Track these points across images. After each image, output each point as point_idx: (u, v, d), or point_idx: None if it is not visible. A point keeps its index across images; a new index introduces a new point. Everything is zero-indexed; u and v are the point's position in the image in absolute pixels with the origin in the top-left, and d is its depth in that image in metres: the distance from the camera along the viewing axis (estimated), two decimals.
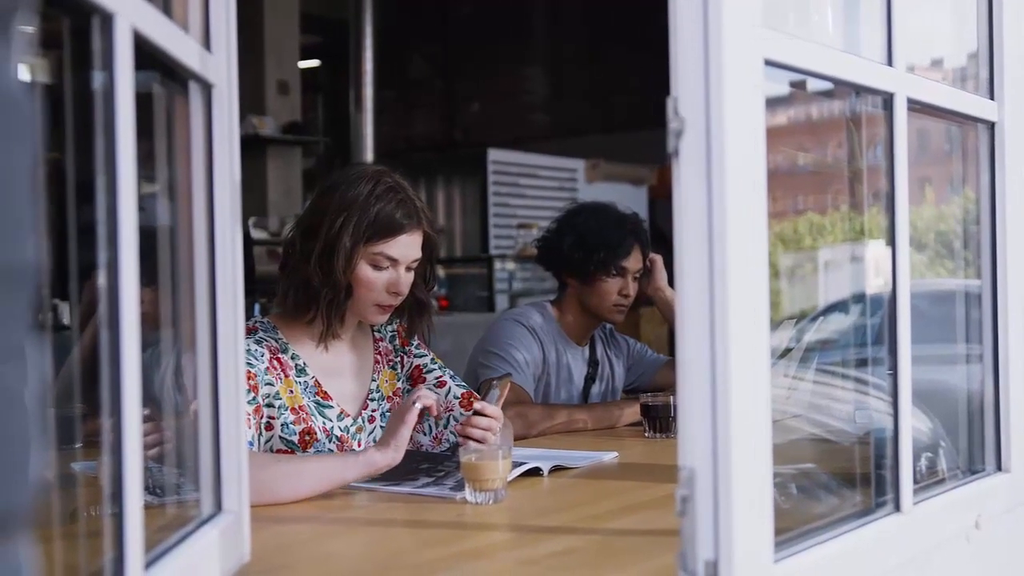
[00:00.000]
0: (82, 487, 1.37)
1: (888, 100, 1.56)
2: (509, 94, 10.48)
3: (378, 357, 2.44)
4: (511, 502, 1.94)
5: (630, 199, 6.58)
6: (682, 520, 1.22)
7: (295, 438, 2.23)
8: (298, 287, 2.27)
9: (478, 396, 2.43)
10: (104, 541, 1.08)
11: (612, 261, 3.06)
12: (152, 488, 1.35)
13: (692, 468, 1.21)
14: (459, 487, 1.97)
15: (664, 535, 1.64)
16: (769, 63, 1.28)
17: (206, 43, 1.39)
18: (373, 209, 2.22)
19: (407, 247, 2.28)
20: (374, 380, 2.41)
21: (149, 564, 1.13)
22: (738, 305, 1.20)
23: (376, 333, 2.47)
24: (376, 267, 2.26)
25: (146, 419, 1.11)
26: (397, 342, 2.48)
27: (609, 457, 2.43)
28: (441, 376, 2.46)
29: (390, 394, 2.43)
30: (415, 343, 2.49)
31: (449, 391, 2.43)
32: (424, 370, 2.47)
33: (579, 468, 2.30)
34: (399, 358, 2.47)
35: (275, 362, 2.24)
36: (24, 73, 0.62)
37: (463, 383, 2.48)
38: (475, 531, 1.80)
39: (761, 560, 1.24)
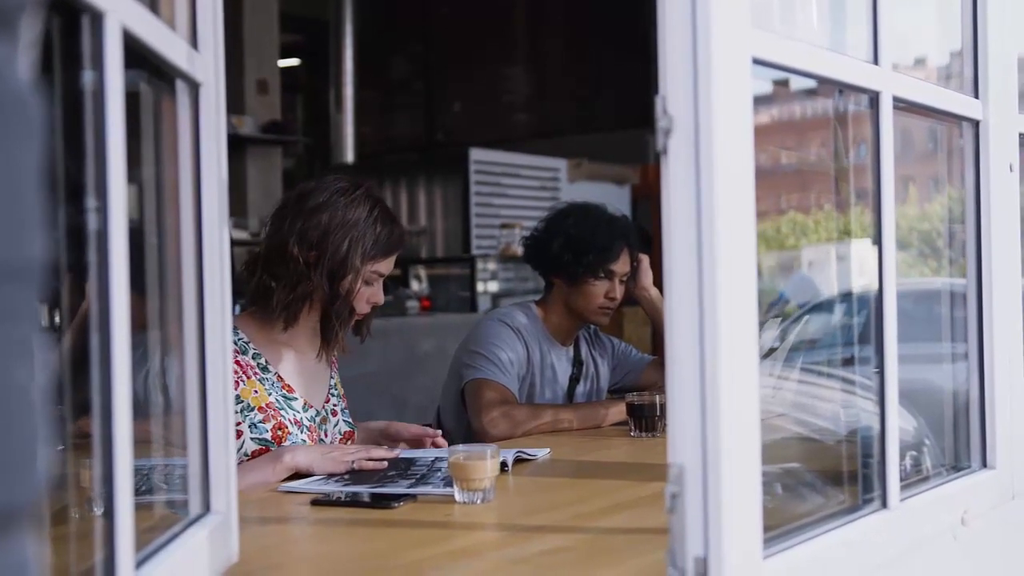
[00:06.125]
0: (71, 488, 1.36)
1: (874, 98, 1.57)
2: (491, 94, 10.48)
3: (333, 359, 2.56)
4: (499, 501, 1.94)
5: (613, 199, 6.58)
6: (671, 517, 1.22)
7: (267, 435, 2.30)
8: (300, 299, 2.34)
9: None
10: (92, 542, 1.08)
11: (601, 264, 3.06)
12: (138, 488, 1.34)
13: (682, 465, 1.21)
14: (450, 483, 1.97)
15: (652, 533, 1.65)
16: (757, 62, 1.28)
17: (193, 42, 1.39)
18: (376, 231, 2.36)
19: (393, 263, 2.44)
20: (332, 378, 2.54)
21: (139, 564, 1.13)
22: (727, 303, 1.20)
23: None
24: (367, 283, 2.38)
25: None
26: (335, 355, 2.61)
27: (543, 454, 2.44)
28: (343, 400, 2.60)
29: (343, 393, 2.58)
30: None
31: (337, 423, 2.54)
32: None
33: (540, 461, 2.37)
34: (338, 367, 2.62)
35: (235, 365, 2.27)
36: (29, 72, 0.62)
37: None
38: (464, 531, 1.80)
39: (750, 556, 1.25)
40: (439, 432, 2.55)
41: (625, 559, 1.58)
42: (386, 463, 2.22)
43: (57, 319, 1.44)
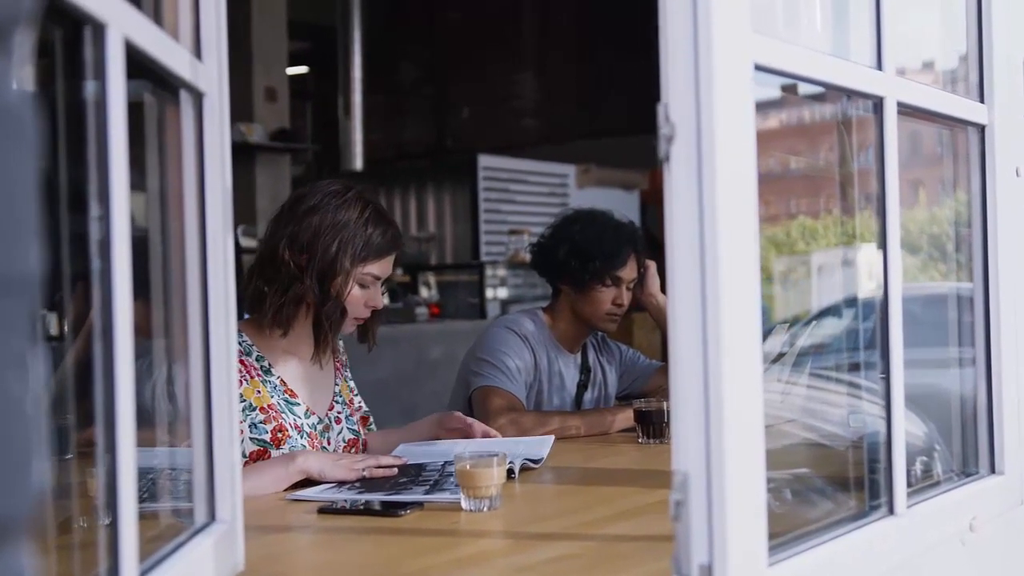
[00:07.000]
0: (78, 497, 1.37)
1: (878, 104, 1.57)
2: (499, 100, 10.47)
3: (338, 365, 2.57)
4: (506, 509, 1.93)
5: (621, 204, 6.58)
6: (676, 524, 1.22)
7: (267, 436, 2.31)
8: (292, 302, 2.35)
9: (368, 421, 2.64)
10: (98, 551, 1.08)
11: (608, 271, 3.06)
12: (142, 495, 1.35)
13: (686, 472, 1.21)
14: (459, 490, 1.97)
15: (658, 540, 1.64)
16: (759, 68, 1.28)
17: (197, 52, 1.39)
18: (367, 233, 2.36)
19: (390, 266, 2.43)
20: (337, 385, 2.54)
21: (143, 574, 1.13)
22: (730, 309, 1.20)
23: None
24: (361, 286, 2.39)
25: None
26: (345, 358, 2.62)
27: (548, 443, 2.48)
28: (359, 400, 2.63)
29: (349, 400, 2.57)
30: (347, 364, 2.64)
31: (360, 408, 2.61)
32: (353, 392, 2.62)
33: (545, 467, 2.37)
34: (347, 372, 2.62)
35: (239, 364, 2.28)
36: (24, 84, 0.63)
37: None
38: (470, 538, 1.80)
39: (755, 564, 1.24)
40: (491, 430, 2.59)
41: (631, 566, 1.57)
42: (396, 470, 2.22)
43: (65, 328, 1.44)
